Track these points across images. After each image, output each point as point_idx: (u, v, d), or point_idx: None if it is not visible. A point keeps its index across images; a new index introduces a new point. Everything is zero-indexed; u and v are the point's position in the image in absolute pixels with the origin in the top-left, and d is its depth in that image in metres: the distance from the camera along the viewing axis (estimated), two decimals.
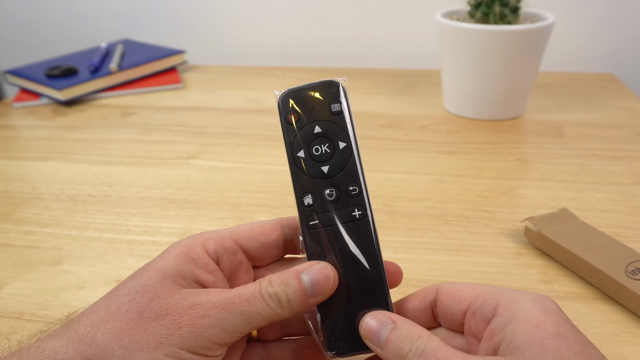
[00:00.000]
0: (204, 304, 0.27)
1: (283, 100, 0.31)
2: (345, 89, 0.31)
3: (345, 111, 0.31)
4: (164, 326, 0.26)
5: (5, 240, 0.53)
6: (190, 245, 0.30)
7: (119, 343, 0.26)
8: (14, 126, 0.82)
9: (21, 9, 1.15)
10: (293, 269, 0.29)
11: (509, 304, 0.26)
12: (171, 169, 0.65)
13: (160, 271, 0.28)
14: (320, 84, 0.31)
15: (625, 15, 0.92)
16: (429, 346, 0.25)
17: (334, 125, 0.30)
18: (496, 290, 0.27)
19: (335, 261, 0.29)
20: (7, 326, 0.41)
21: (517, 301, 0.26)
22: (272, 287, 0.27)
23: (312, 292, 0.28)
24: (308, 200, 0.30)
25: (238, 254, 0.31)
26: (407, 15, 0.99)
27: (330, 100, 0.31)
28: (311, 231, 0.30)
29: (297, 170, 0.30)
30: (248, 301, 0.27)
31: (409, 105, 0.81)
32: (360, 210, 0.30)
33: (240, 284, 0.31)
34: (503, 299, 0.26)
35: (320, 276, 0.28)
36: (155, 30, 1.11)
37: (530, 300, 0.26)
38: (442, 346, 0.25)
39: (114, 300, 0.28)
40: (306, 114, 0.30)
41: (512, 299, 0.26)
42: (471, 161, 0.64)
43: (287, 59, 1.07)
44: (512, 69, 0.70)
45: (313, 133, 0.30)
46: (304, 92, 0.31)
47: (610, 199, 0.55)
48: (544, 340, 0.23)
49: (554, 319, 0.24)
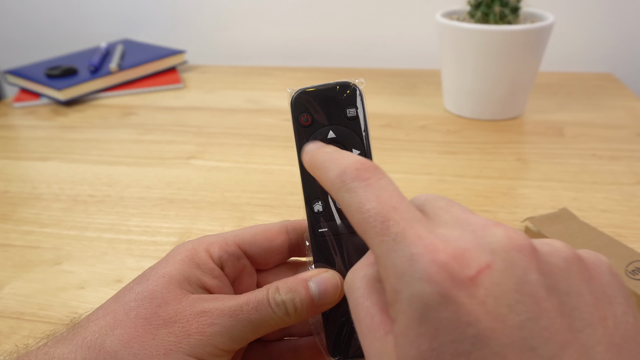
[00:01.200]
0: (212, 311, 0.27)
1: (296, 100, 0.29)
2: (362, 93, 0.29)
3: (360, 116, 0.29)
4: (173, 333, 0.26)
5: (5, 240, 0.53)
6: (194, 249, 0.30)
7: (129, 350, 0.26)
8: (14, 126, 0.82)
9: (21, 9, 1.15)
10: (300, 277, 0.28)
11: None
12: (171, 169, 0.65)
13: (167, 276, 0.28)
14: (337, 86, 0.29)
15: (625, 15, 0.92)
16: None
17: (349, 132, 0.29)
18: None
19: (343, 268, 0.29)
20: (7, 326, 0.41)
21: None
22: (279, 294, 0.27)
23: (320, 301, 0.28)
24: (318, 207, 0.29)
25: (242, 259, 0.31)
26: (407, 15, 0.99)
27: (346, 104, 0.29)
28: (319, 238, 0.29)
29: (308, 175, 0.29)
30: (256, 309, 0.27)
31: (409, 105, 0.81)
32: None
33: (243, 288, 0.31)
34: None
35: (329, 284, 0.28)
36: (155, 30, 1.11)
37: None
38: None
39: (121, 305, 0.27)
40: (320, 117, 0.29)
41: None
42: (471, 161, 0.64)
43: (287, 59, 1.07)
44: (512, 69, 0.70)
45: (327, 138, 0.29)
46: (318, 93, 0.29)
47: (610, 199, 0.55)
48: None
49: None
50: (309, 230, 0.29)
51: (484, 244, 0.18)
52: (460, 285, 0.18)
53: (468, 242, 0.19)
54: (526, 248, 0.18)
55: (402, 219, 0.20)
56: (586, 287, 0.19)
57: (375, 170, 0.22)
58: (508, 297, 0.17)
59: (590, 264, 0.20)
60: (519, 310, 0.17)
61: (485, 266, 0.18)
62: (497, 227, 0.19)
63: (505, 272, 0.18)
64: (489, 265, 0.18)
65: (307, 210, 0.29)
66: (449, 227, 0.20)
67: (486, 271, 0.18)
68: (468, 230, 0.19)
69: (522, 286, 0.18)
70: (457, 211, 0.21)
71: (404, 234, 0.19)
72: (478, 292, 0.17)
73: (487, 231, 0.19)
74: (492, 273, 0.18)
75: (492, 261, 0.18)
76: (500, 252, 0.18)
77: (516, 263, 0.18)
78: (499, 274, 0.18)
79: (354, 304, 0.22)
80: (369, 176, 0.22)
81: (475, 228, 0.19)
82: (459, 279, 0.18)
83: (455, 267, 0.18)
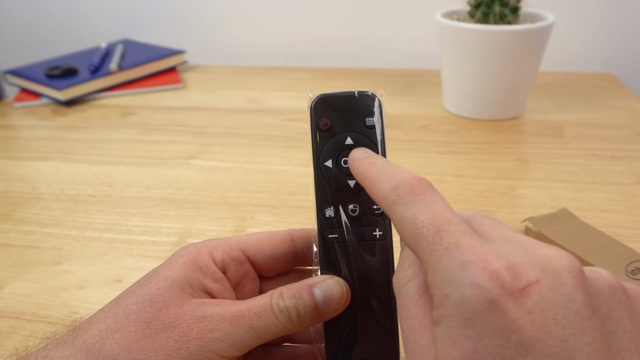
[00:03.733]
0: (213, 316, 0.26)
1: (316, 104, 0.29)
2: (381, 104, 0.30)
3: (378, 126, 0.30)
4: (173, 338, 0.26)
5: (5, 240, 0.53)
6: (197, 252, 0.29)
7: (128, 354, 0.25)
8: (14, 126, 0.82)
9: (21, 9, 1.15)
10: (305, 282, 0.28)
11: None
12: (171, 169, 0.65)
13: (169, 280, 0.28)
14: (358, 95, 0.30)
15: (625, 15, 0.92)
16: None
17: (366, 140, 0.30)
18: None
19: (349, 276, 0.29)
20: (7, 326, 0.41)
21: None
22: (283, 300, 0.27)
23: (324, 308, 0.27)
24: (330, 212, 0.29)
25: (245, 264, 0.31)
26: (407, 15, 0.99)
27: (365, 113, 0.30)
28: (328, 244, 0.29)
29: (322, 179, 0.29)
30: (258, 315, 0.26)
31: (409, 105, 0.81)
32: (382, 230, 0.29)
33: (246, 294, 0.31)
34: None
35: (334, 291, 0.28)
36: (155, 30, 1.11)
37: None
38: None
39: (122, 308, 0.27)
40: (339, 123, 0.29)
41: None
42: (471, 161, 0.64)
43: (287, 59, 1.07)
44: (512, 69, 0.70)
45: (344, 144, 0.29)
46: (339, 99, 0.30)
47: (610, 199, 0.55)
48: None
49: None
50: (318, 235, 0.29)
51: (535, 261, 0.19)
52: (509, 294, 0.18)
53: (519, 257, 0.19)
54: (575, 270, 0.19)
55: (455, 231, 0.21)
56: (626, 315, 0.20)
57: (430, 187, 0.23)
58: (554, 311, 0.18)
59: (633, 295, 0.21)
60: (564, 324, 0.18)
61: (534, 281, 0.19)
62: (548, 247, 0.20)
63: (553, 289, 0.19)
64: (538, 281, 0.19)
65: (317, 215, 0.29)
66: (499, 243, 0.21)
67: (535, 285, 0.19)
68: (519, 248, 0.20)
69: (568, 303, 0.18)
70: (506, 230, 0.22)
71: (457, 244, 0.20)
72: (526, 303, 0.18)
73: (537, 250, 0.20)
74: (540, 288, 0.19)
75: (541, 277, 0.19)
76: (551, 271, 0.19)
77: (564, 282, 0.19)
78: (547, 289, 0.19)
79: (404, 301, 0.23)
80: (424, 191, 0.23)
81: (526, 246, 0.20)
82: (509, 288, 0.18)
83: (505, 277, 0.19)
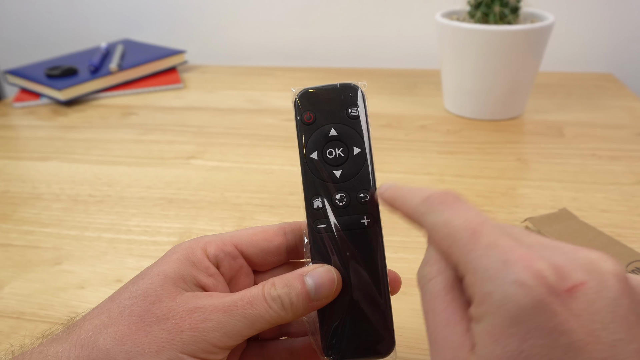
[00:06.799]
0: (205, 307, 0.27)
1: (300, 98, 0.30)
2: (364, 94, 0.30)
3: (362, 116, 0.30)
4: (166, 330, 0.26)
5: (5, 240, 0.53)
6: (191, 248, 0.30)
7: (121, 347, 0.26)
8: (14, 126, 0.82)
9: (21, 9, 1.15)
10: (297, 272, 0.28)
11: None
12: (171, 169, 0.65)
13: (162, 274, 0.28)
14: (339, 87, 0.30)
15: (625, 15, 0.92)
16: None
17: (350, 130, 0.30)
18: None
19: (340, 265, 0.29)
20: (7, 326, 0.42)
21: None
22: (275, 289, 0.27)
23: (316, 295, 0.28)
24: (317, 203, 0.29)
25: (238, 258, 0.31)
26: (407, 15, 0.99)
27: (348, 103, 0.30)
28: (318, 234, 0.29)
29: (308, 172, 0.30)
30: (251, 304, 0.27)
31: (409, 105, 0.81)
32: (370, 218, 0.30)
33: (240, 288, 0.31)
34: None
35: (325, 279, 0.28)
36: (155, 30, 1.11)
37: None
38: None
39: (115, 304, 0.28)
40: (322, 115, 0.30)
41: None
42: (471, 161, 0.64)
43: (287, 59, 1.07)
44: (512, 69, 0.70)
45: (328, 135, 0.30)
46: (322, 92, 0.30)
47: (610, 199, 0.55)
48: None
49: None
50: (307, 226, 0.30)
51: (579, 264, 0.19)
52: (556, 294, 0.18)
53: (561, 260, 0.19)
54: (620, 275, 0.19)
55: (491, 233, 0.20)
56: None
57: (459, 197, 0.23)
58: (602, 315, 0.18)
59: None
60: (612, 329, 0.18)
61: (580, 282, 0.19)
62: (590, 251, 0.20)
63: (600, 293, 0.18)
64: (584, 283, 0.19)
65: (306, 207, 0.30)
66: (536, 248, 0.21)
67: (581, 287, 0.18)
68: (558, 252, 0.20)
69: (615, 308, 0.18)
70: (539, 237, 0.22)
71: (496, 244, 0.20)
72: (574, 305, 0.18)
73: (578, 253, 0.20)
74: (586, 290, 0.18)
75: (587, 280, 0.19)
76: (596, 273, 0.19)
77: (610, 286, 0.19)
78: (593, 292, 0.18)
79: (430, 297, 0.23)
80: (454, 201, 0.23)
81: (565, 250, 0.20)
82: (555, 288, 0.18)
83: (551, 277, 0.18)
